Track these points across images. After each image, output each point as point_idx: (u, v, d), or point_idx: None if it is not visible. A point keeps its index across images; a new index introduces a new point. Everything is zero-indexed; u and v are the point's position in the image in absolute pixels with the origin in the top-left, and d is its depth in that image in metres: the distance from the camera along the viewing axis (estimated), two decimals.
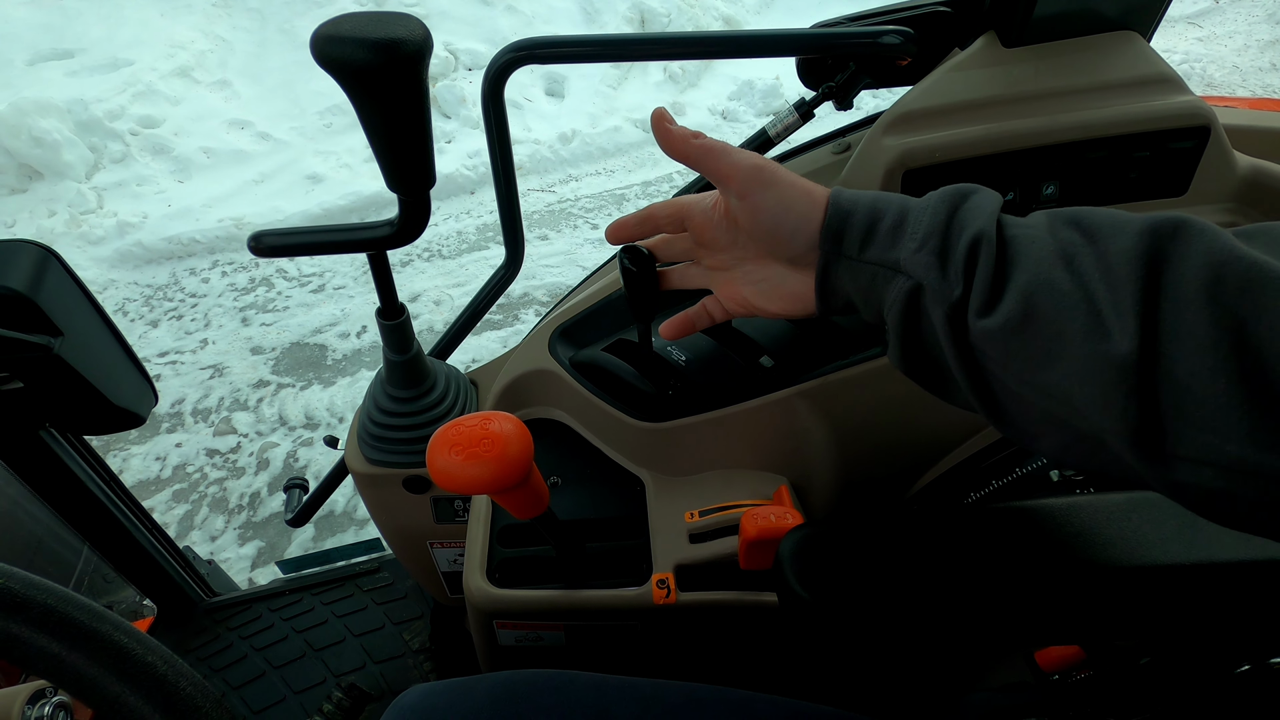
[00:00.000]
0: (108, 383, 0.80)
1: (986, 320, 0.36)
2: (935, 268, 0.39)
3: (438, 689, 0.52)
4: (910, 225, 0.41)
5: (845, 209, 0.43)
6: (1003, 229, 0.38)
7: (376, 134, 0.34)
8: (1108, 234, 0.34)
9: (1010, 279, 0.36)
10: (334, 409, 2.45)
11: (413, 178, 0.35)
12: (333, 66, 0.31)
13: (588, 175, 3.73)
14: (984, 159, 0.65)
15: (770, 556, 0.60)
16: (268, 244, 0.45)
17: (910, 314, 0.41)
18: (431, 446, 0.45)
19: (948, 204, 0.40)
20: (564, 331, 0.77)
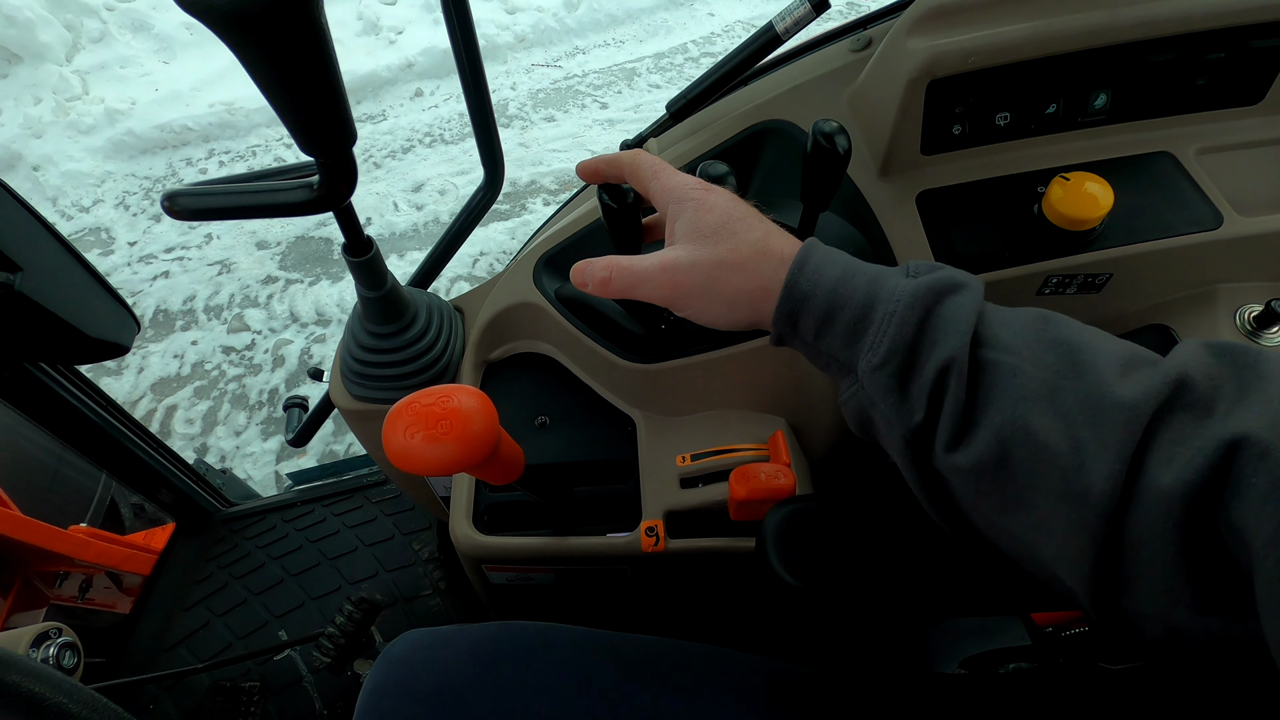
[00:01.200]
0: (81, 315, 0.77)
1: (955, 456, 0.33)
2: (894, 392, 0.35)
3: (425, 641, 0.53)
4: (873, 331, 0.36)
5: (803, 291, 0.38)
6: (977, 350, 0.34)
7: (272, 91, 0.28)
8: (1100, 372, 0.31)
9: (984, 415, 0.33)
10: (344, 305, 2.44)
11: (326, 137, 0.29)
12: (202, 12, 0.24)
13: (595, 47, 3.45)
14: (1024, 65, 0.55)
15: (761, 511, 0.58)
16: (184, 206, 0.40)
17: (863, 417, 0.39)
18: (387, 427, 0.42)
19: (919, 311, 0.35)
20: (549, 260, 0.72)
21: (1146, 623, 0.30)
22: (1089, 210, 0.55)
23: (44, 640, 0.60)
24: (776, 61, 0.73)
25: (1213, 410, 0.29)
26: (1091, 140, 0.60)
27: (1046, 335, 0.34)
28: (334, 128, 0.29)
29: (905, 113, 0.58)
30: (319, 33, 0.27)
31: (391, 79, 3.19)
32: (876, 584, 0.43)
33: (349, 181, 0.32)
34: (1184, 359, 0.31)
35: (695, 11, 3.59)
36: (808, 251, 0.40)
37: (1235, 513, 0.26)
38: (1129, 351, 0.32)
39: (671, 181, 0.44)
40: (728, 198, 0.43)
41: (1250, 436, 0.26)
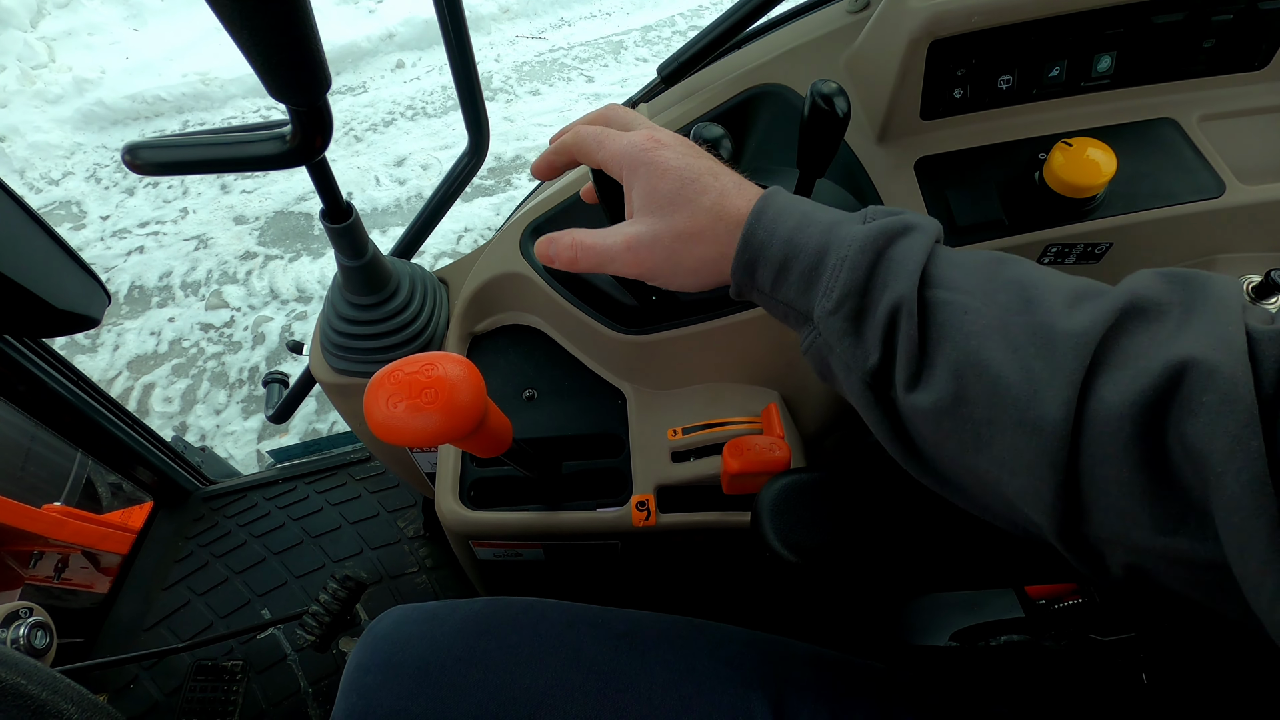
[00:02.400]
0: (47, 286, 0.74)
1: (915, 396, 0.34)
2: (849, 335, 0.36)
3: (411, 616, 0.51)
4: (826, 277, 0.36)
5: (759, 242, 0.38)
6: (927, 291, 0.34)
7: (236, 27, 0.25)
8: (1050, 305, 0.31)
9: (938, 353, 0.33)
10: (324, 281, 2.40)
11: (298, 79, 0.27)
12: None
13: (582, 19, 3.38)
14: (1028, 25, 0.54)
15: (753, 485, 0.57)
16: (145, 159, 0.37)
17: (825, 365, 0.39)
18: (368, 397, 0.40)
19: (869, 255, 0.35)
20: (536, 229, 0.70)
21: (1110, 549, 0.30)
22: (1091, 177, 0.54)
23: (14, 620, 0.58)
24: (771, 24, 0.71)
25: (1159, 332, 0.29)
26: (1094, 106, 0.59)
27: (1000, 275, 0.34)
28: (306, 69, 0.26)
29: (905, 75, 0.56)
30: None
31: (372, 50, 3.11)
32: (873, 558, 0.42)
33: (323, 131, 0.30)
34: (1133, 284, 0.31)
35: None
36: (765, 202, 0.39)
37: (1189, 431, 0.26)
38: (1080, 285, 0.33)
39: (618, 146, 0.42)
40: (679, 153, 0.42)
41: (1197, 356, 0.26)
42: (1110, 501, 0.29)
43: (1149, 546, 0.28)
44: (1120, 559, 0.30)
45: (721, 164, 0.43)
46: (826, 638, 0.50)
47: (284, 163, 0.35)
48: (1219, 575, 0.26)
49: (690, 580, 0.70)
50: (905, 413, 0.35)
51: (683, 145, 0.42)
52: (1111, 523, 0.29)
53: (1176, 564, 0.28)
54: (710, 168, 0.41)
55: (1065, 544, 0.31)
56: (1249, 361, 0.26)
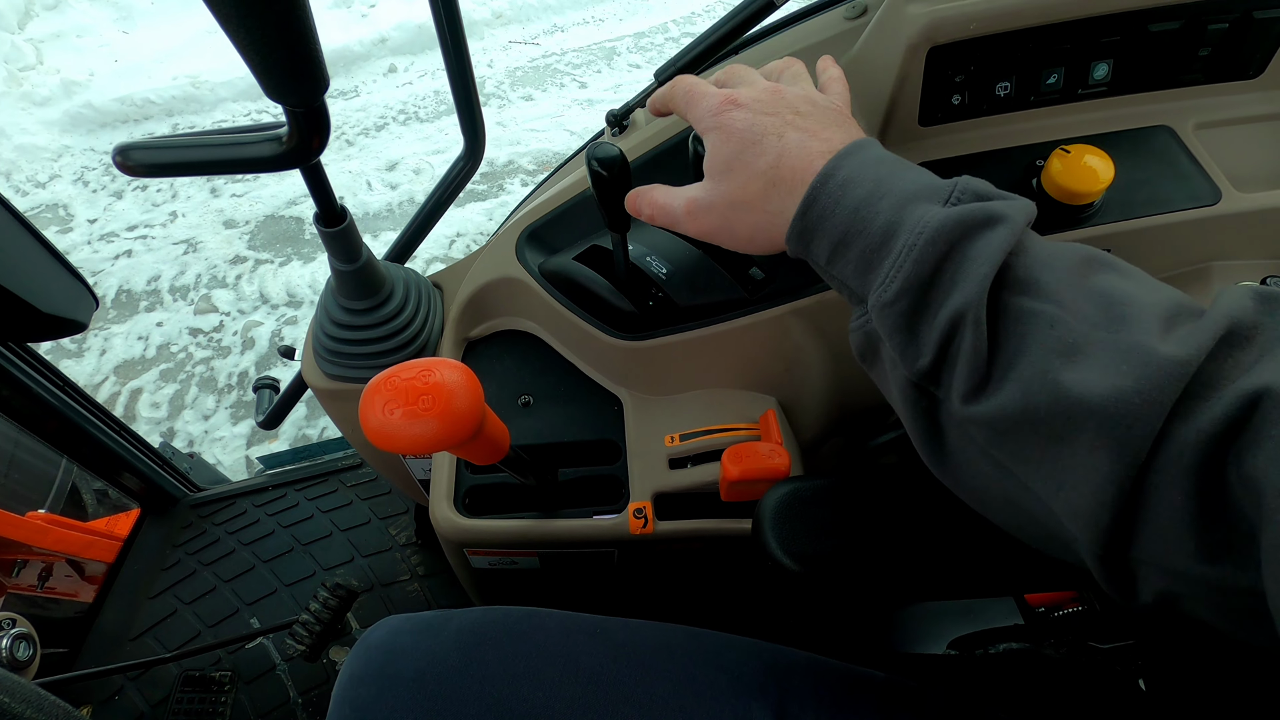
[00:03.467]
0: (34, 291, 0.73)
1: (974, 407, 0.31)
2: (902, 331, 0.33)
3: (404, 627, 0.51)
4: (888, 265, 0.33)
5: (824, 206, 0.36)
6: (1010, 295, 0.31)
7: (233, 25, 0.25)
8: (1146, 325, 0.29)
9: (1012, 366, 0.31)
10: (315, 285, 2.38)
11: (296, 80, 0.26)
12: None
13: (575, 25, 3.39)
14: (1026, 32, 0.54)
15: (752, 492, 0.57)
16: (137, 160, 0.36)
17: (871, 347, 0.37)
18: (364, 403, 0.39)
19: (940, 247, 0.32)
20: (532, 234, 0.69)
21: (1146, 572, 0.29)
22: (1089, 184, 0.54)
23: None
24: (768, 30, 0.71)
25: (1244, 359, 0.28)
26: (1091, 113, 0.59)
27: (1089, 283, 0.31)
28: (304, 69, 0.26)
29: (904, 81, 0.56)
30: None
31: (364, 54, 3.11)
32: (875, 567, 0.42)
33: (321, 133, 0.30)
34: (1230, 307, 0.29)
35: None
36: (839, 161, 0.36)
37: (1250, 463, 0.25)
38: (1173, 301, 0.30)
39: (698, 111, 0.43)
40: (752, 111, 0.40)
41: (1274, 388, 0.26)
42: (1160, 525, 0.28)
43: (1188, 572, 0.27)
44: (1154, 583, 0.29)
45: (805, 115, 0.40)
46: (826, 645, 0.50)
47: (281, 164, 0.34)
48: (1253, 603, 0.26)
49: (688, 588, 0.70)
50: (954, 419, 0.33)
51: (763, 101, 0.41)
52: (1155, 546, 0.28)
53: (1212, 591, 0.27)
54: (778, 126, 0.39)
55: (1103, 564, 0.30)
56: None
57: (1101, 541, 0.29)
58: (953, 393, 0.32)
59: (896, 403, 0.36)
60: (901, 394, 0.35)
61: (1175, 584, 0.28)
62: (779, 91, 0.42)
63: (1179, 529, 0.27)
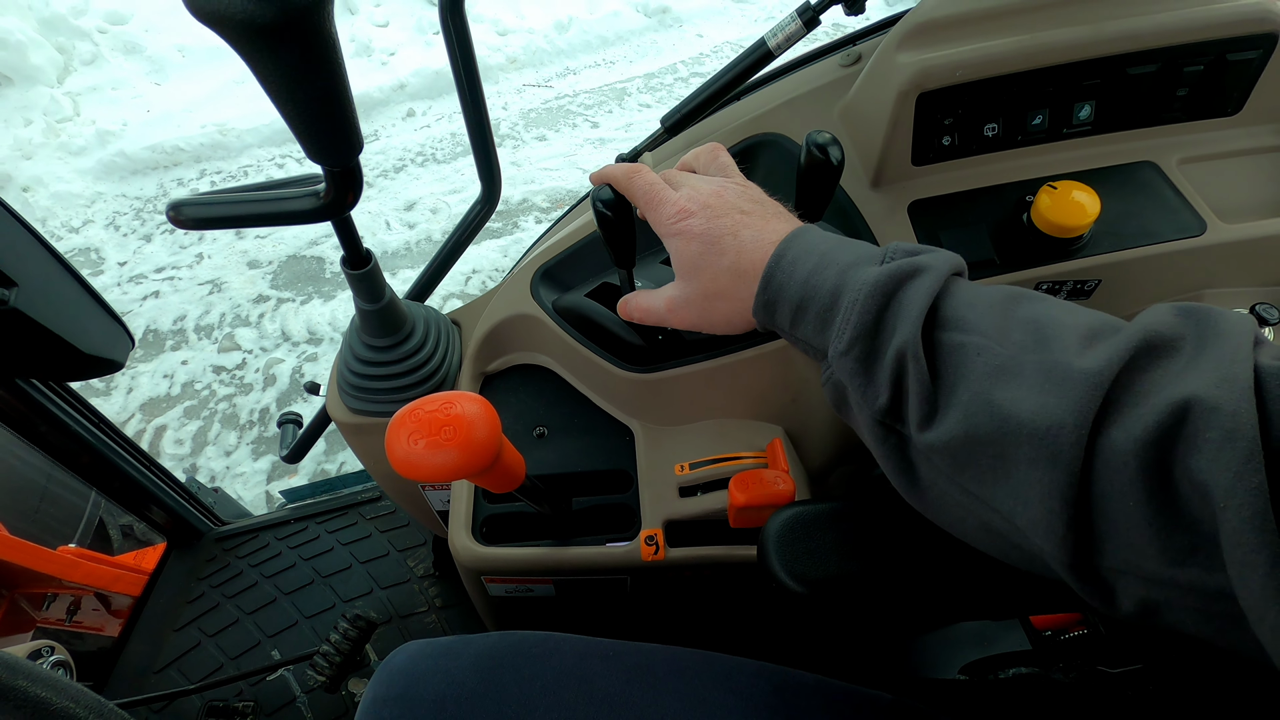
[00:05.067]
0: (75, 331, 0.77)
1: (928, 435, 0.35)
2: (860, 375, 0.37)
3: (425, 651, 0.52)
4: (839, 320, 0.38)
5: (778, 284, 0.42)
6: (940, 333, 0.36)
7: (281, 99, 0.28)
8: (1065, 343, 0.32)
9: (951, 394, 0.34)
10: (335, 323, 2.44)
11: (334, 144, 0.29)
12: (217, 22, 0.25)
13: (586, 68, 3.50)
14: (1011, 78, 0.57)
15: (760, 518, 0.59)
16: (189, 215, 0.40)
17: (841, 400, 0.41)
18: (390, 434, 0.42)
19: (879, 299, 0.37)
20: (546, 273, 0.72)
21: (1121, 581, 0.31)
22: (1076, 218, 0.56)
23: (36, 658, 0.59)
24: (769, 77, 0.75)
25: (1170, 368, 0.30)
26: (1077, 151, 0.62)
27: (1015, 313, 0.35)
28: (342, 135, 0.29)
29: (896, 124, 0.59)
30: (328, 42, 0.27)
31: (384, 99, 3.22)
32: (879, 590, 0.43)
33: (355, 189, 0.33)
34: (1148, 320, 0.32)
35: (684, 33, 3.65)
36: (786, 244, 0.42)
37: (1194, 466, 0.27)
38: (1096, 321, 0.34)
39: (659, 217, 0.48)
40: (705, 218, 0.46)
41: (1200, 395, 0.27)
42: (1121, 534, 0.29)
43: (1160, 577, 0.29)
44: (1131, 591, 0.31)
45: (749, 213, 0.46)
46: (835, 668, 0.51)
47: (317, 217, 0.37)
48: (1229, 606, 0.27)
49: (699, 613, 0.71)
50: (918, 450, 0.36)
51: (711, 206, 0.46)
52: (1122, 554, 0.30)
53: (1188, 594, 0.29)
54: (732, 226, 0.45)
55: (1076, 576, 0.32)
56: (1253, 398, 0.26)
57: (1065, 551, 0.31)
58: (911, 425, 0.36)
59: (868, 443, 0.39)
60: (870, 433, 0.39)
61: (1151, 590, 0.30)
62: (722, 194, 0.47)
63: (1142, 535, 0.29)
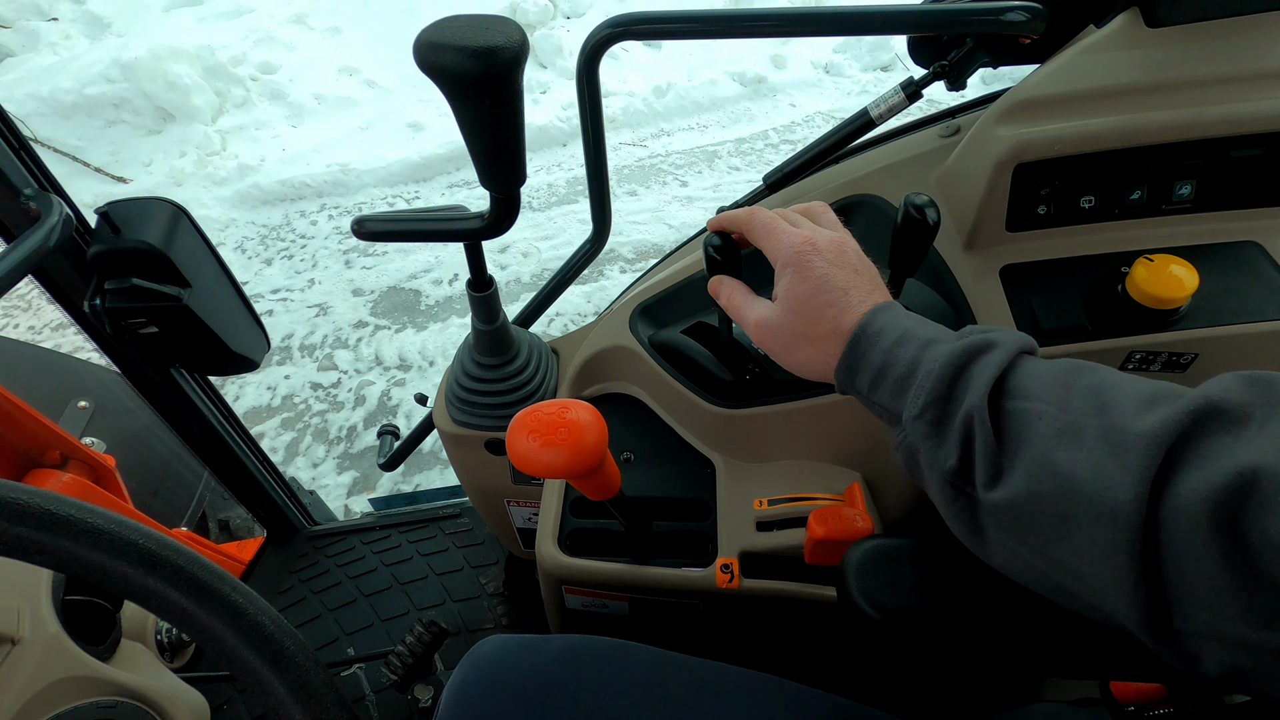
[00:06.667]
0: (228, 330, 0.87)
1: (993, 494, 0.37)
2: (932, 437, 0.40)
3: (510, 644, 0.56)
4: (914, 387, 0.42)
5: (864, 348, 0.45)
6: (1006, 401, 0.38)
7: (473, 135, 0.35)
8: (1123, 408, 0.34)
9: (1014, 456, 0.37)
10: (425, 353, 2.58)
11: (506, 176, 0.35)
12: (435, 72, 0.31)
13: (680, 130, 3.66)
14: (1110, 154, 0.59)
15: (835, 555, 0.60)
16: (370, 229, 0.48)
17: (912, 462, 0.43)
18: (511, 430, 0.47)
19: (953, 368, 0.40)
20: (644, 310, 0.78)
21: (1205, 645, 0.31)
22: (1173, 290, 0.57)
23: None
24: (869, 143, 0.80)
25: (1240, 435, 0.31)
26: (1176, 227, 0.63)
27: (1078, 383, 0.37)
28: (513, 168, 0.35)
29: (992, 192, 0.63)
30: (517, 94, 0.34)
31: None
32: (956, 624, 0.44)
33: (513, 215, 0.39)
34: (1212, 388, 0.33)
35: (778, 102, 3.77)
36: (871, 317, 0.46)
37: (1271, 528, 0.28)
38: (1158, 389, 0.35)
39: (779, 244, 0.50)
40: (827, 261, 0.49)
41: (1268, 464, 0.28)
42: (1197, 595, 0.30)
43: (1246, 640, 0.29)
44: (1217, 656, 0.31)
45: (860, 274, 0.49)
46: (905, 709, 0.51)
47: (480, 236, 0.44)
48: None
49: (767, 646, 0.72)
50: (985, 509, 0.39)
51: (833, 253, 0.49)
52: (1201, 616, 0.30)
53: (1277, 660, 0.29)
54: (846, 282, 0.48)
55: (1153, 636, 0.32)
56: None
57: (1137, 610, 0.32)
58: (978, 485, 0.38)
59: (938, 503, 0.42)
60: (940, 493, 0.41)
61: (1238, 656, 0.30)
62: (844, 247, 0.50)
63: (1221, 597, 0.29)
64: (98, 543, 0.31)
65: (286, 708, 0.33)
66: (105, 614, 0.59)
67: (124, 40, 3.50)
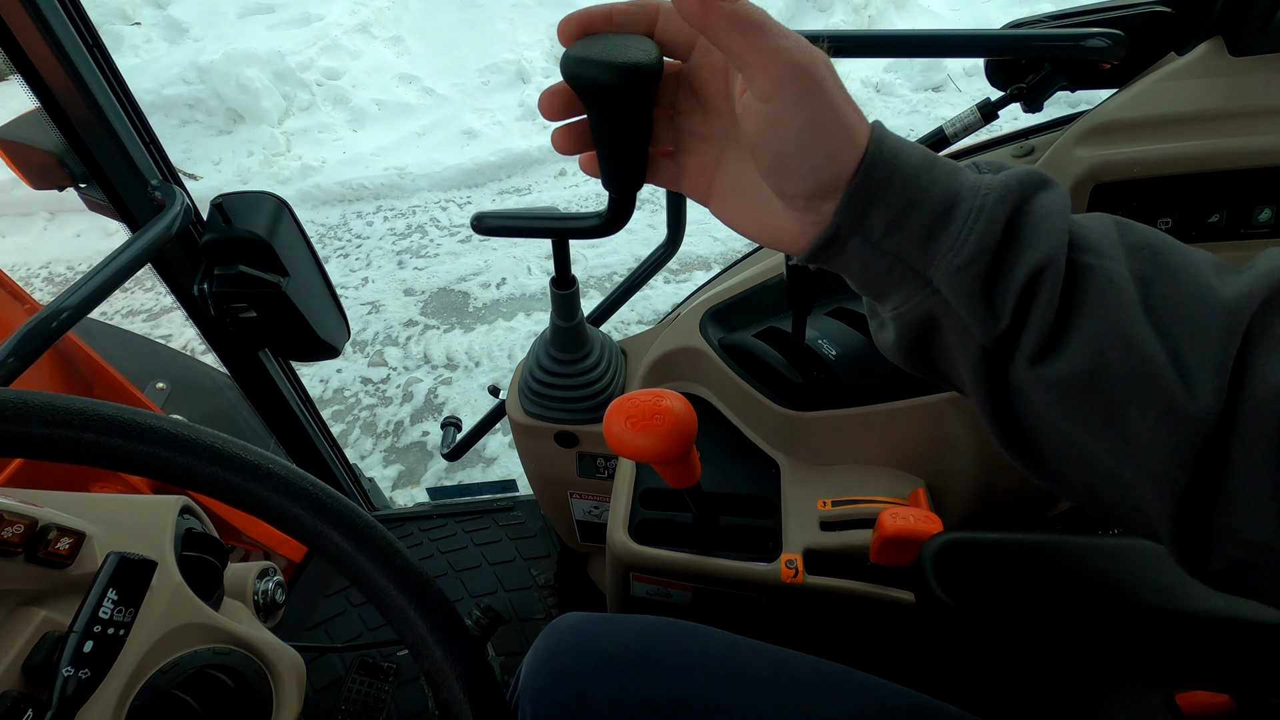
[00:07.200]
0: (316, 318, 0.93)
1: (1043, 368, 0.31)
2: (978, 298, 0.31)
3: (589, 619, 0.59)
4: (955, 228, 0.31)
5: (881, 173, 0.32)
6: (1072, 254, 0.31)
7: (605, 142, 0.38)
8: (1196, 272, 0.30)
9: (1077, 324, 0.30)
10: (471, 353, 2.65)
11: (627, 179, 0.39)
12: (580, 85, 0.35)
13: None
14: (1189, 177, 0.61)
15: (902, 555, 0.62)
16: (488, 224, 0.52)
17: (924, 328, 0.34)
18: (609, 415, 0.51)
19: (1008, 207, 0.31)
20: (714, 313, 0.81)
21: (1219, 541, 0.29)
22: None
23: (264, 576, 0.71)
24: None
25: None
26: (1255, 251, 0.64)
27: (1127, 239, 0.31)
28: (635, 174, 0.39)
29: None
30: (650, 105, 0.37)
31: (540, 159, 3.54)
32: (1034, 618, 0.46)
33: (627, 215, 0.43)
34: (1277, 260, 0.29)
35: None
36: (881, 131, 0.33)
37: None
38: (1214, 256, 0.31)
39: (776, 46, 0.31)
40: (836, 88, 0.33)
41: None
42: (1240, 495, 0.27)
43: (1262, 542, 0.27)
44: (1227, 553, 0.29)
45: None
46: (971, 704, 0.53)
47: (595, 234, 0.48)
48: None
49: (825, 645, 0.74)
50: (1023, 385, 0.32)
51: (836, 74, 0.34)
52: (1233, 514, 0.28)
53: None
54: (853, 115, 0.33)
55: (1177, 530, 0.29)
56: None
57: (1179, 508, 0.29)
58: (1023, 355, 0.32)
59: (966, 378, 0.34)
60: (973, 366, 0.33)
61: (1250, 554, 0.28)
62: None
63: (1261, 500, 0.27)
64: None
65: None
66: (214, 571, 0.64)
67: (200, 44, 3.68)
